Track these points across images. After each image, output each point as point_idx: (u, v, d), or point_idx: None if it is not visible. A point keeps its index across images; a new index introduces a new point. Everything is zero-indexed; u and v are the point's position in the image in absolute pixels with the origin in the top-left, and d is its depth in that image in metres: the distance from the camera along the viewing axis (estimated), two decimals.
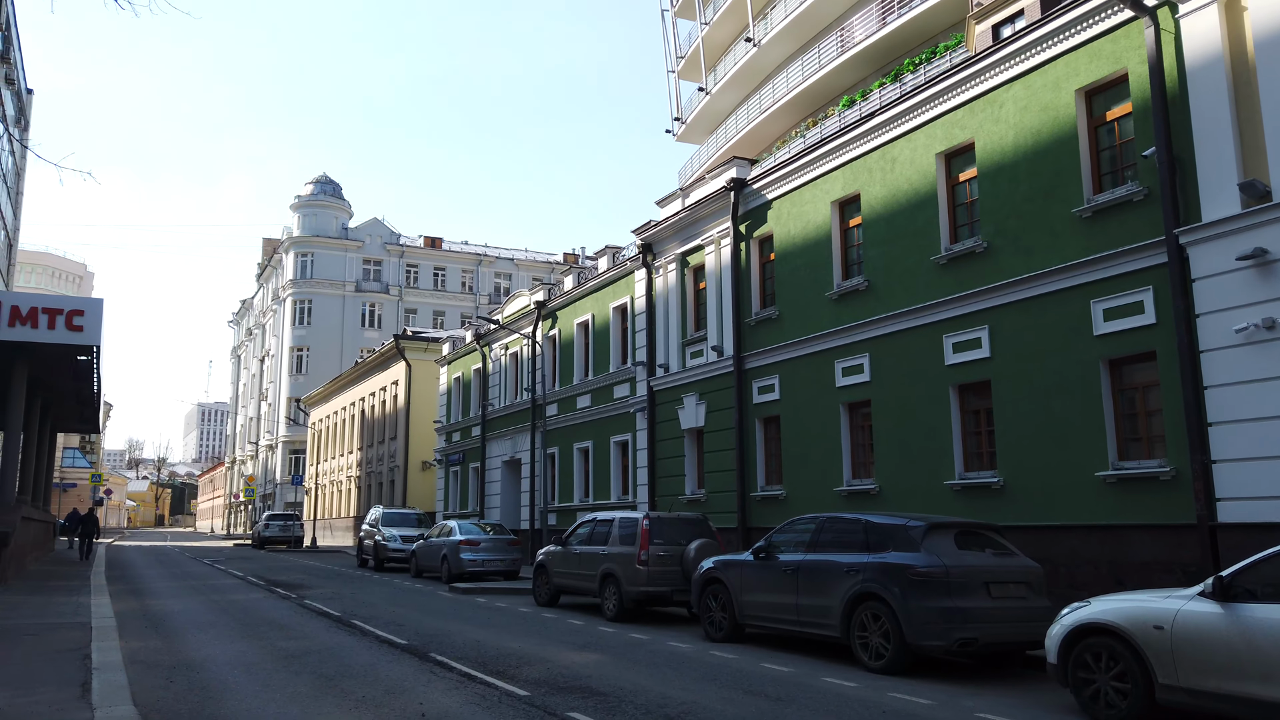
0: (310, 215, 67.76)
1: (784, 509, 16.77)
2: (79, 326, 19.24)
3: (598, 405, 23.94)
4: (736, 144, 42.76)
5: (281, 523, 43.44)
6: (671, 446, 20.40)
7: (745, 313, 18.29)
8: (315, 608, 15.91)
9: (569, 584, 15.67)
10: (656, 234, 21.25)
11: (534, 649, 11.09)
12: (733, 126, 42.93)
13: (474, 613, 15.25)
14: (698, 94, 48.11)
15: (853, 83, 31.50)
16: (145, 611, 15.38)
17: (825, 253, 16.36)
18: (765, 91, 40.24)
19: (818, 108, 35.64)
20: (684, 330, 20.44)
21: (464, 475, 32.91)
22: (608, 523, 14.95)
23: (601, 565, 14.51)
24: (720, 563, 12.08)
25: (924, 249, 14.27)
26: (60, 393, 26.92)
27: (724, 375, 18.69)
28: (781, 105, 37.06)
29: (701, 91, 47.31)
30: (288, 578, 23.38)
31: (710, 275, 19.44)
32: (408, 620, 14.09)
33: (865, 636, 9.62)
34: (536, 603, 16.56)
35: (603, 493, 23.43)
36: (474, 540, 21.57)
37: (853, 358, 15.50)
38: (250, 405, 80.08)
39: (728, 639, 11.70)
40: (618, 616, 14.00)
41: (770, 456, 17.71)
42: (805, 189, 16.97)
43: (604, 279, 24.10)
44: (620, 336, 23.69)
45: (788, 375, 17.03)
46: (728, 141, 42.95)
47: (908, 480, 14.21)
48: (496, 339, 31.00)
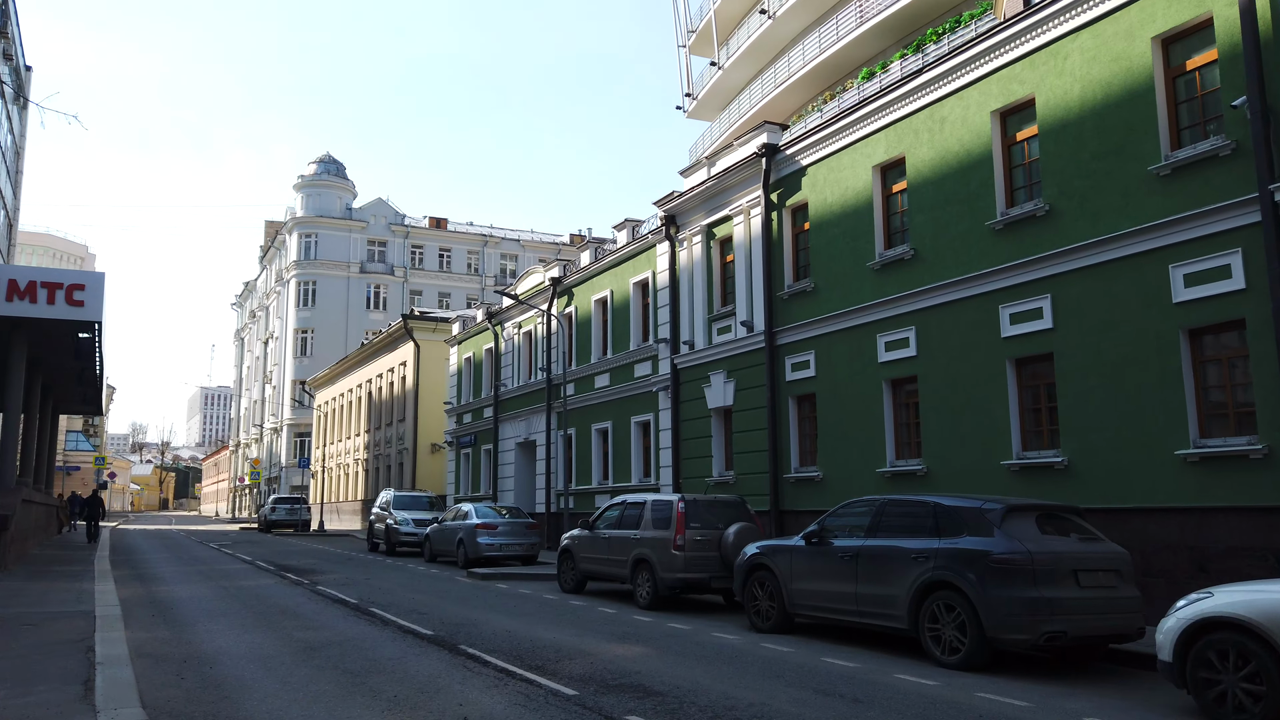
0: (314, 195, 66.77)
1: (821, 491, 15.97)
2: (79, 301, 18.43)
3: (617, 384, 23.12)
4: (750, 119, 41.68)
5: (288, 506, 42.76)
6: (697, 426, 19.59)
7: (777, 286, 17.42)
8: (330, 594, 15.16)
9: (597, 570, 14.90)
10: (680, 205, 20.35)
11: (571, 640, 10.32)
12: (746, 102, 41.91)
13: (497, 600, 14.49)
14: (709, 69, 46.96)
15: (872, 55, 30.39)
16: (152, 598, 14.63)
17: (866, 221, 15.48)
18: (780, 65, 39.12)
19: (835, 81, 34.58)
20: (710, 305, 19.58)
21: (476, 457, 32.16)
22: (639, 506, 14.16)
23: (633, 551, 13.72)
24: (767, 549, 11.28)
25: (977, 214, 13.38)
26: (61, 372, 26.14)
27: (754, 352, 17.85)
28: (798, 79, 35.93)
29: (714, 66, 46.16)
30: (298, 562, 22.66)
31: (739, 247, 18.56)
32: (429, 608, 13.33)
33: (937, 629, 8.82)
34: (562, 589, 15.80)
35: (623, 475, 22.65)
36: (491, 524, 20.81)
37: (897, 331, 14.64)
38: (254, 388, 79.40)
39: (776, 630, 10.91)
40: (652, 605, 13.22)
41: (804, 436, 16.89)
42: (844, 154, 16.06)
43: (623, 253, 23.21)
44: (641, 313, 22.83)
45: (824, 351, 16.18)
46: (741, 117, 41.93)
47: (959, 460, 13.39)
48: (509, 318, 30.16)
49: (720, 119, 46.10)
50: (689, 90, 49.39)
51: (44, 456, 30.40)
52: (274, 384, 69.74)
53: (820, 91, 37.52)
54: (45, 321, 18.64)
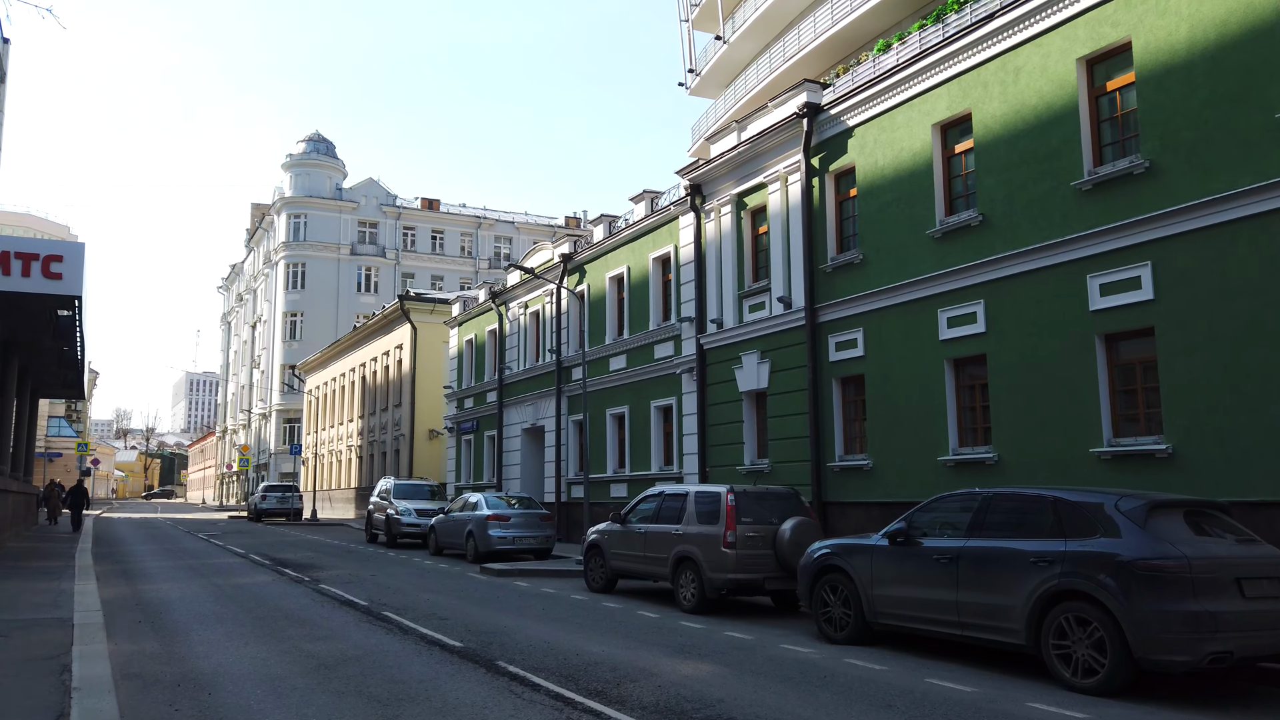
0: (302, 175, 64.89)
1: (870, 482, 14.67)
2: (57, 274, 16.87)
3: (635, 366, 21.74)
4: (757, 95, 40.23)
5: (280, 494, 41.26)
6: (726, 411, 18.24)
7: (819, 258, 16.06)
8: (335, 594, 13.77)
9: (630, 568, 13.55)
10: (707, 173, 18.93)
11: (624, 655, 8.97)
12: (753, 77, 40.36)
13: (522, 601, 13.12)
14: (713, 44, 45.30)
15: (887, 26, 28.85)
16: (138, 600, 13.20)
17: (924, 184, 14.11)
18: (790, 38, 37.53)
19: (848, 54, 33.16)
20: (740, 281, 18.20)
21: (478, 444, 30.74)
22: (679, 498, 12.80)
23: (675, 548, 12.38)
24: (840, 548, 9.95)
25: (1060, 174, 12.03)
26: (40, 353, 24.52)
27: (793, 330, 16.50)
28: (809, 52, 34.37)
29: (718, 40, 44.49)
30: (294, 556, 21.24)
31: (774, 217, 17.17)
32: (450, 611, 11.96)
33: (1066, 647, 7.51)
34: (590, 588, 14.46)
35: (641, 463, 21.30)
36: (503, 515, 19.46)
37: (961, 305, 13.31)
38: (242, 373, 77.58)
39: (852, 640, 9.59)
40: (698, 608, 11.89)
41: (850, 421, 15.57)
42: (897, 111, 14.68)
43: (642, 227, 21.78)
44: (661, 290, 21.43)
45: (875, 328, 14.84)
46: (748, 93, 40.42)
47: (1036, 448, 12.09)
48: (514, 297, 28.68)
49: (725, 96, 44.54)
50: (692, 66, 47.78)
51: (22, 442, 28.79)
52: (262, 369, 68.00)
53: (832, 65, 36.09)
54: (20, 296, 17.09)
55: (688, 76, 48.06)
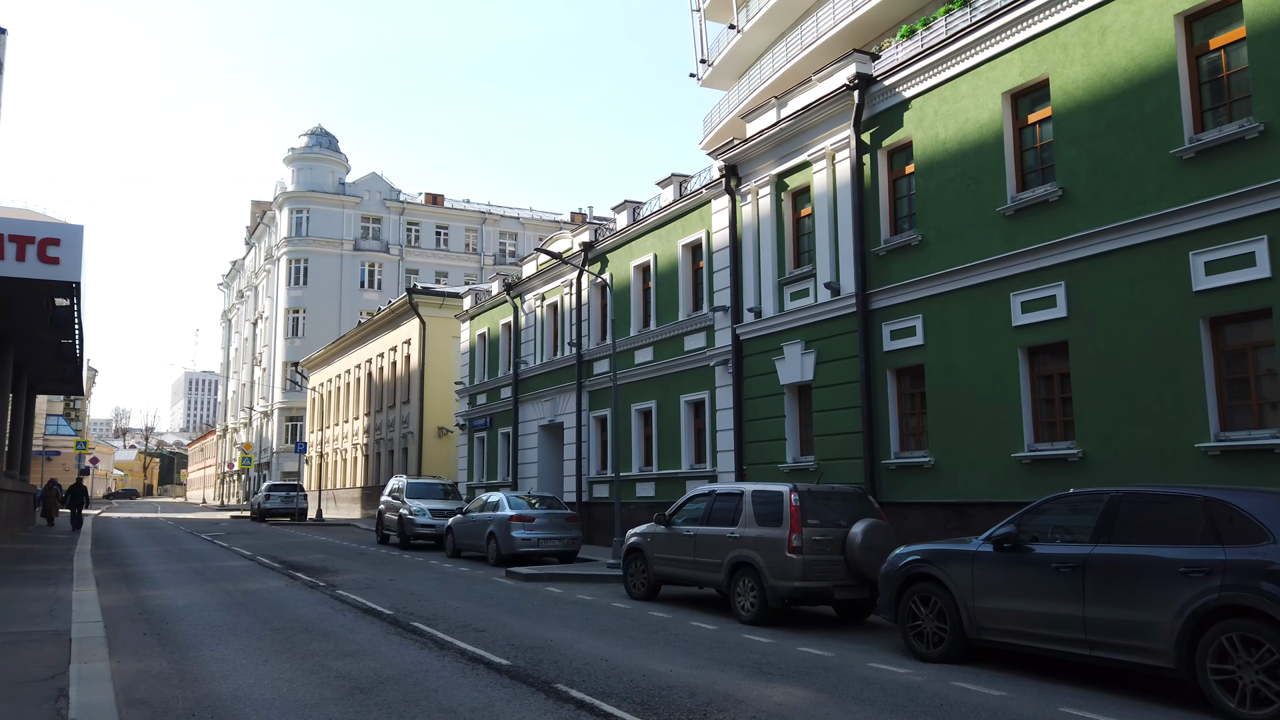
0: (305, 169, 63.77)
1: (933, 480, 13.60)
2: (54, 258, 15.78)
3: (663, 359, 20.65)
4: (771, 86, 39.22)
5: (284, 494, 40.14)
6: (765, 405, 17.16)
7: (872, 240, 14.98)
8: (355, 602, 12.69)
9: (676, 574, 12.48)
10: (743, 153, 17.83)
11: (696, 675, 7.90)
12: (768, 66, 39.34)
13: (561, 610, 12.05)
14: (726, 34, 44.29)
15: (910, 11, 27.72)
16: (142, 608, 12.11)
17: (993, 158, 13.03)
18: (807, 25, 36.46)
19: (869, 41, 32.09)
20: (781, 267, 17.12)
21: (492, 442, 29.64)
22: (733, 497, 11.72)
23: (730, 553, 11.29)
24: (932, 554, 8.86)
25: (1154, 142, 10.96)
26: (36, 346, 23.43)
27: (841, 318, 15.42)
28: (826, 40, 33.33)
29: (732, 30, 43.47)
30: (304, 558, 20.16)
31: (819, 198, 16.09)
32: (485, 622, 10.88)
33: (1229, 671, 6.44)
34: (631, 595, 13.38)
35: (670, 460, 20.22)
36: (527, 516, 18.39)
37: (1038, 288, 12.22)
38: (243, 371, 76.44)
39: (949, 658, 8.51)
40: (759, 619, 10.81)
41: (907, 415, 14.49)
42: (961, 80, 13.60)
43: (670, 212, 20.68)
44: (691, 279, 20.33)
45: (936, 314, 13.76)
46: (762, 83, 39.39)
47: (1129, 443, 11.01)
48: (530, 289, 27.59)
49: (738, 87, 43.54)
50: (704, 57, 46.73)
51: (19, 440, 27.69)
52: (264, 366, 66.89)
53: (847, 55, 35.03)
54: (15, 283, 16.02)
55: (699, 67, 47.00)
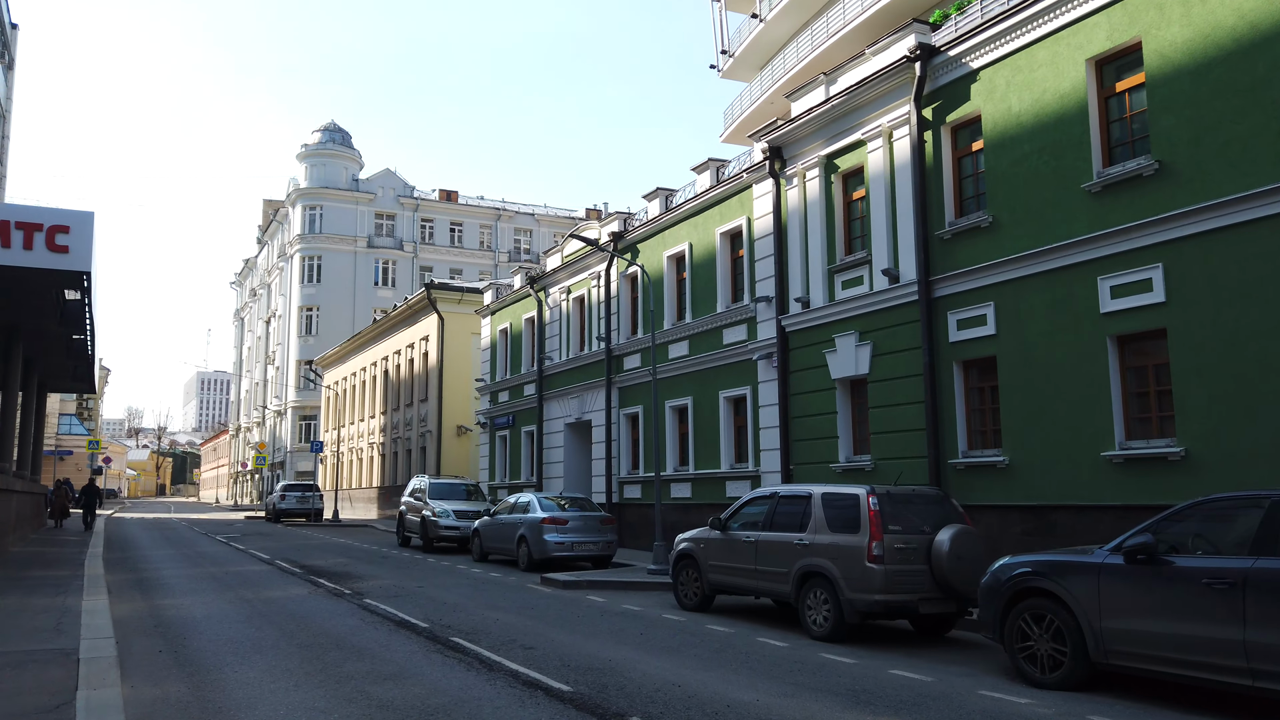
0: (318, 165, 63.01)
1: (1006, 481, 12.56)
2: (63, 247, 14.93)
3: (699, 354, 19.65)
4: (795, 76, 38.23)
5: (299, 494, 39.33)
6: (815, 401, 16.15)
7: (935, 223, 13.95)
8: (386, 612, 11.75)
9: (734, 583, 11.48)
10: (789, 134, 16.82)
11: (790, 706, 6.91)
12: (792, 55, 38.34)
13: (610, 623, 11.07)
14: (748, 23, 43.31)
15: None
16: (158, 621, 11.20)
17: (1075, 130, 11.98)
18: (834, 12, 35.42)
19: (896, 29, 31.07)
20: (831, 253, 16.10)
21: (514, 440, 28.70)
22: (800, 500, 10.72)
23: (799, 561, 10.29)
24: (1046, 566, 7.84)
25: (1268, 108, 9.90)
26: (46, 341, 22.60)
27: (901, 307, 14.40)
28: (854, 27, 32.32)
29: (754, 19, 42.49)
30: (325, 562, 19.27)
31: (875, 179, 15.07)
32: (531, 636, 9.92)
33: None
34: (682, 606, 12.39)
35: (708, 459, 19.22)
36: (560, 518, 17.45)
37: (1131, 271, 11.17)
38: (256, 370, 75.84)
39: (1069, 684, 7.49)
40: (833, 635, 9.80)
41: (975, 411, 13.46)
42: (1038, 48, 12.55)
43: (707, 199, 19.68)
44: (730, 268, 19.33)
45: (1009, 302, 12.73)
46: (786, 73, 38.38)
47: (1239, 441, 9.96)
48: (555, 282, 26.63)
49: (760, 77, 42.56)
50: (725, 47, 45.76)
51: (29, 439, 26.91)
52: (277, 365, 66.20)
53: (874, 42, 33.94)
54: (22, 272, 15.14)
55: (719, 59, 46.01)
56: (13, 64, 43.61)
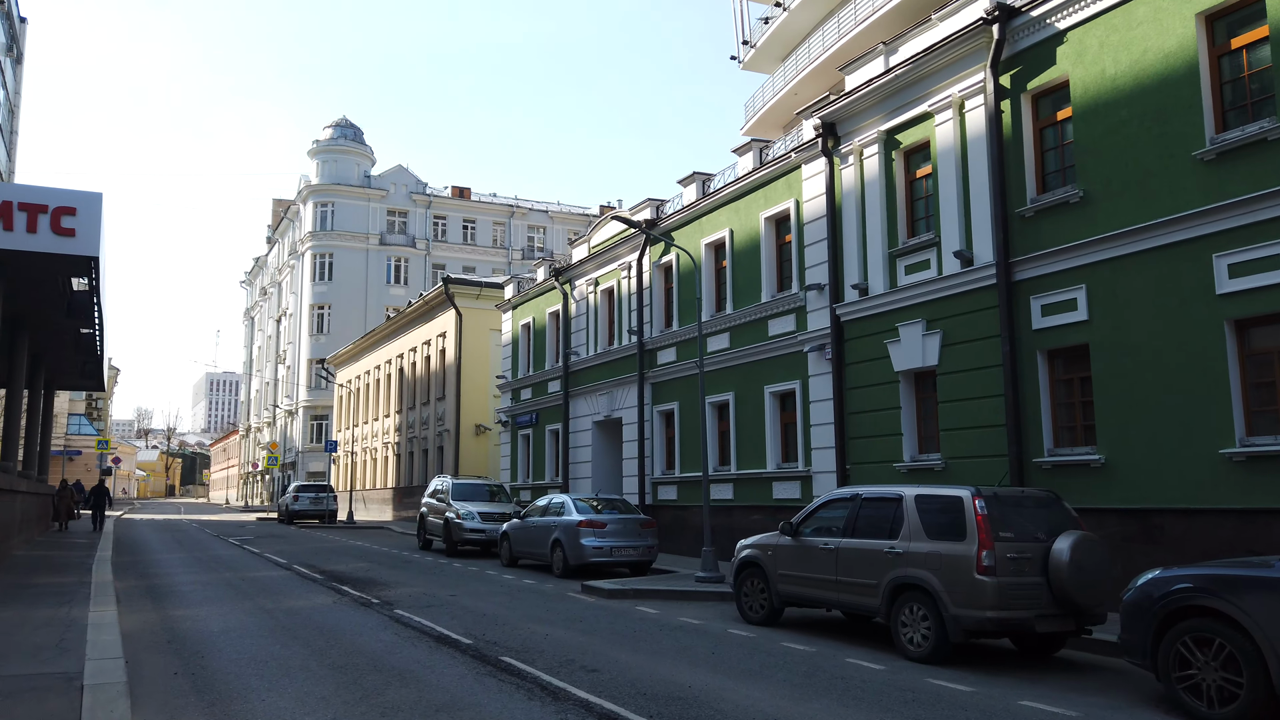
0: (330, 161, 62.07)
1: (1102, 482, 11.39)
2: (69, 230, 13.90)
3: (741, 347, 18.51)
4: (819, 67, 37.11)
5: (313, 495, 38.31)
6: (875, 395, 15.00)
7: (1015, 200, 12.79)
8: (421, 625, 10.66)
9: (808, 594, 10.34)
10: (844, 109, 15.69)
11: None
12: (818, 45, 37.20)
13: (674, 640, 9.94)
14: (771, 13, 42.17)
15: None
16: (172, 634, 10.12)
17: (1183, 94, 10.82)
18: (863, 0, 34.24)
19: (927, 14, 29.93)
20: (892, 236, 14.96)
21: (538, 439, 27.60)
22: (889, 503, 9.57)
23: (890, 572, 9.15)
24: (1215, 581, 6.67)
25: None
26: (53, 335, 21.58)
27: (976, 292, 13.24)
28: (884, 14, 31.15)
29: (778, 7, 41.29)
30: (346, 567, 18.20)
31: (943, 154, 13.92)
32: (591, 656, 8.80)
33: None
34: (747, 619, 11.25)
35: (752, 459, 18.07)
36: (597, 522, 16.35)
37: (1254, 248, 10.00)
38: (266, 369, 74.93)
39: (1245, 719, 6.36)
40: (933, 655, 8.65)
41: (1063, 405, 12.28)
42: (1137, 3, 11.38)
43: (749, 182, 18.55)
44: (776, 255, 18.19)
45: (1104, 283, 11.56)
46: (811, 63, 37.27)
47: None
48: (581, 274, 25.53)
49: (783, 69, 41.44)
50: (746, 38, 44.65)
51: (35, 438, 25.93)
52: (288, 364, 65.27)
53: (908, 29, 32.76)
54: (27, 259, 14.15)
55: (740, 50, 44.91)
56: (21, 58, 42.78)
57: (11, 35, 39.86)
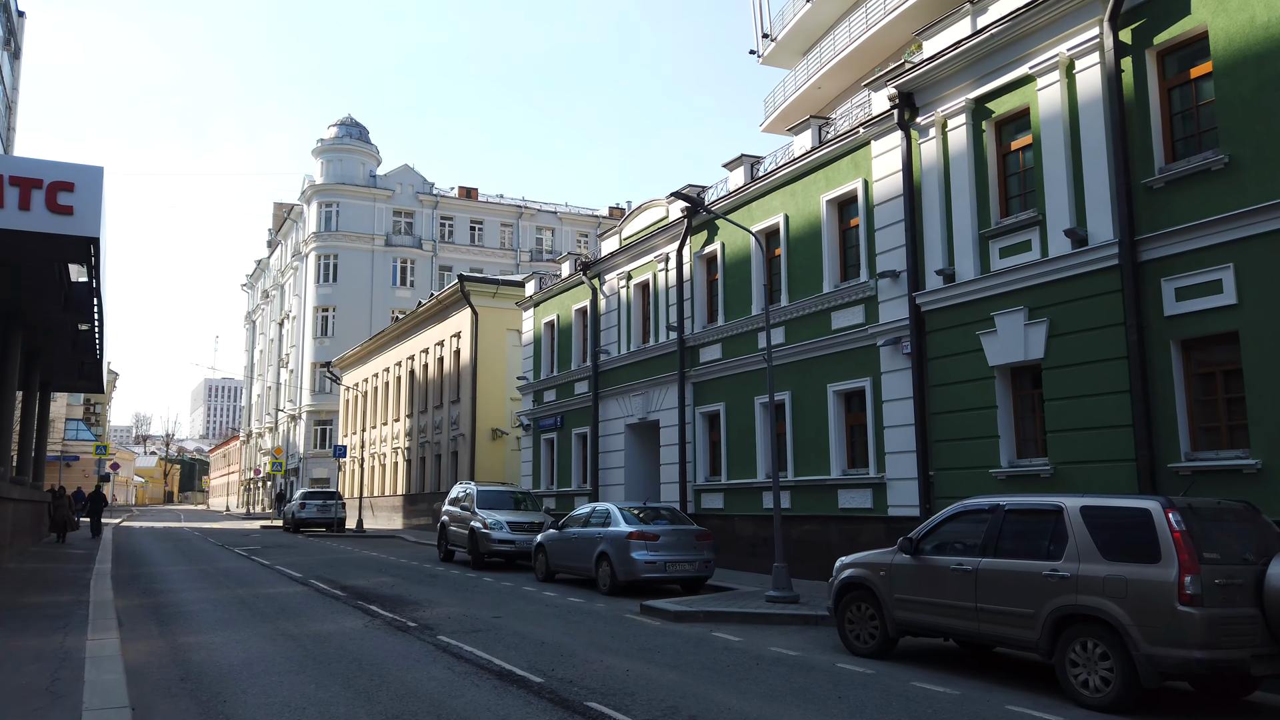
0: (334, 160, 60.60)
1: (1257, 489, 9.82)
2: (67, 207, 12.36)
3: (799, 341, 16.98)
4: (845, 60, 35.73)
5: (320, 502, 36.73)
6: (964, 393, 13.47)
7: (1140, 170, 11.28)
8: (475, 657, 9.09)
9: (940, 625, 8.77)
10: (925, 76, 14.20)
11: None
12: (843, 37, 35.83)
13: (778, 678, 8.38)
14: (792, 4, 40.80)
15: None
16: (185, 670, 8.55)
17: None
18: None
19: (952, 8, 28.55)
20: (983, 216, 13.45)
21: (563, 443, 26.03)
22: (1042, 516, 8.02)
23: (1054, 600, 7.58)
24: None
25: None
26: (50, 331, 19.98)
27: (1092, 275, 11.72)
28: (913, 4, 29.79)
29: None
30: (367, 582, 16.63)
31: (1048, 122, 12.42)
32: (694, 702, 7.24)
33: None
34: (852, 650, 9.67)
35: (813, 464, 16.51)
36: (650, 533, 14.80)
37: None
38: (269, 373, 73.33)
39: None
40: (1116, 703, 7.09)
41: (1202, 402, 10.76)
42: None
43: (808, 163, 17.04)
44: (839, 241, 16.67)
45: (1258, 262, 10.05)
46: (836, 54, 35.90)
47: None
48: (612, 268, 24.00)
49: (804, 63, 40.05)
50: (766, 31, 43.25)
51: (29, 442, 24.35)
52: (291, 368, 63.69)
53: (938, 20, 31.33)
54: (19, 241, 12.60)
55: (760, 43, 43.51)
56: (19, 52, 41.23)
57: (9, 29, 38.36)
